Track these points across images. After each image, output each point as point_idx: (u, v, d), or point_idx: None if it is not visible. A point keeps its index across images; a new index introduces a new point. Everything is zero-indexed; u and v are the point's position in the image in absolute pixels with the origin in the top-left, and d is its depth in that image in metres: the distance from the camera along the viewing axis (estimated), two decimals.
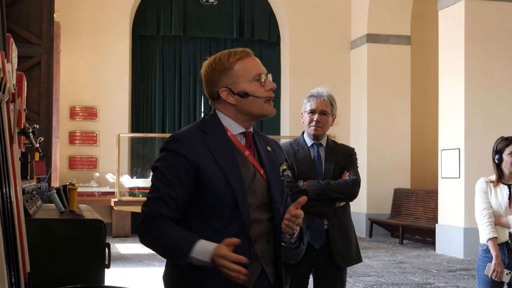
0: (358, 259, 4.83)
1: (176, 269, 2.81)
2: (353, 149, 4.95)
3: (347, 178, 4.74)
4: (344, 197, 4.69)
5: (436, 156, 13.97)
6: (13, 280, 2.04)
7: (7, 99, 2.35)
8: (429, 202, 14.93)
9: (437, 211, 13.94)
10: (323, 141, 4.81)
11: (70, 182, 3.90)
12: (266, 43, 18.16)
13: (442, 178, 13.53)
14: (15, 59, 3.48)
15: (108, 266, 3.25)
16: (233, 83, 2.83)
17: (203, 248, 2.60)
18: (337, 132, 17.39)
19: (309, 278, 4.76)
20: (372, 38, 16.88)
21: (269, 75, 2.90)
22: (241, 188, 2.79)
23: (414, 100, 17.40)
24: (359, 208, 16.87)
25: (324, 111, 4.75)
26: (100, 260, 3.21)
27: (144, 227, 2.72)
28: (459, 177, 12.81)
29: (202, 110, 17.59)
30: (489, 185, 5.23)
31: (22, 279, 2.27)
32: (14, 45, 3.48)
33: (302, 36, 17.66)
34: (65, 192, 3.92)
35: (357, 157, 4.96)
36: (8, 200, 2.17)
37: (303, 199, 2.83)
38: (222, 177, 2.76)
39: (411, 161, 17.11)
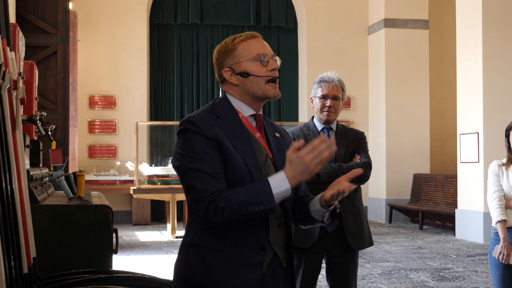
0: (370, 242, 4.85)
1: (193, 251, 2.81)
2: (362, 132, 4.95)
3: (358, 161, 4.73)
4: (356, 180, 4.67)
5: (455, 141, 13.91)
6: (12, 264, 2.07)
7: (8, 86, 2.38)
8: (448, 187, 14.87)
9: (456, 196, 13.88)
10: (333, 125, 4.82)
11: (81, 170, 3.93)
12: (283, 29, 18.11)
13: (461, 162, 13.47)
14: (22, 48, 3.51)
15: (115, 252, 3.27)
16: (235, 63, 2.90)
17: (276, 180, 2.66)
18: (355, 118, 17.39)
19: (322, 261, 4.78)
20: (389, 22, 16.81)
21: (276, 58, 2.93)
22: (257, 169, 2.81)
23: (433, 84, 17.32)
24: (379, 193, 16.87)
25: (336, 96, 4.74)
26: (107, 245, 3.23)
27: (213, 208, 2.66)
28: (478, 162, 12.74)
29: (220, 97, 17.56)
30: (501, 168, 5.20)
31: (25, 263, 2.30)
32: (21, 34, 3.50)
33: (319, 22, 17.61)
34: (75, 178, 3.95)
35: (367, 140, 4.94)
36: (9, 186, 2.20)
37: (359, 171, 2.89)
38: (239, 158, 2.78)
39: (430, 146, 17.04)
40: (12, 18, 9.55)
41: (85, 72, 15.85)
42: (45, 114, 3.62)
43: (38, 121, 3.37)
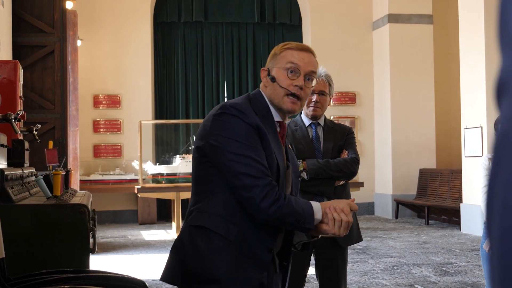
0: (359, 238, 4.81)
1: (199, 232, 2.79)
2: (350, 128, 4.91)
3: (346, 156, 4.69)
4: (344, 176, 4.65)
5: (460, 135, 13.84)
6: None
7: None
8: (454, 181, 14.80)
9: (462, 190, 13.81)
10: (321, 121, 4.78)
11: (56, 169, 3.90)
12: (288, 26, 18.04)
13: (465, 157, 13.40)
14: None
15: (93, 251, 3.24)
16: (272, 66, 2.98)
17: (316, 207, 2.80)
18: (361, 114, 17.33)
19: (310, 258, 4.74)
20: (393, 18, 16.73)
21: (312, 77, 3.00)
22: (283, 165, 2.91)
23: (438, 79, 17.25)
24: (385, 189, 16.80)
25: (323, 91, 4.69)
26: (83, 245, 3.20)
27: (273, 199, 2.73)
28: (482, 156, 12.63)
29: (226, 95, 17.56)
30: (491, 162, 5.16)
31: None
32: None
33: (323, 18, 17.55)
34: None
35: (355, 136, 4.90)
36: None
37: (355, 207, 2.96)
38: (272, 152, 2.84)
39: (436, 141, 16.98)
40: (9, 18, 9.55)
41: (89, 71, 15.86)
42: (23, 112, 3.58)
43: (13, 120, 3.33)
